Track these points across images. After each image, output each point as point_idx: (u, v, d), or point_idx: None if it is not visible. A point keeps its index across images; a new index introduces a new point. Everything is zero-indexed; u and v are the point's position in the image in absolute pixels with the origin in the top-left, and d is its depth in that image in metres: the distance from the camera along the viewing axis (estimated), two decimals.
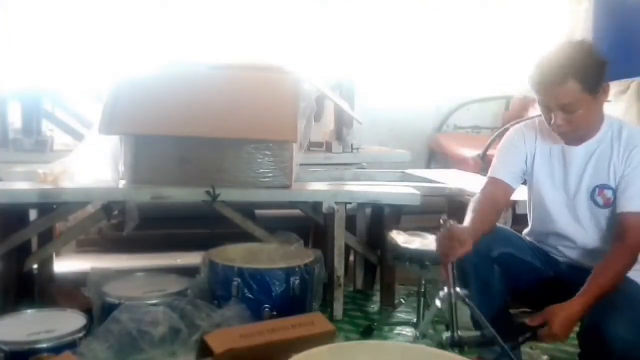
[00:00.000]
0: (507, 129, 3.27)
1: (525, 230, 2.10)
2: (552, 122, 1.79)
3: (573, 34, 5.18)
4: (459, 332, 1.67)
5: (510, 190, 1.99)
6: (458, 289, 1.71)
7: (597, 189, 1.84)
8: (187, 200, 2.79)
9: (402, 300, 2.81)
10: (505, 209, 2.01)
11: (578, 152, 1.86)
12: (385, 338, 2.55)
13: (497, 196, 1.97)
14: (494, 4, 5.10)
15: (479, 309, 1.83)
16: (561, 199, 1.91)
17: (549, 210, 1.95)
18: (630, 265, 1.76)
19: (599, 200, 1.84)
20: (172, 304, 2.15)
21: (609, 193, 1.82)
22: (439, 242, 1.76)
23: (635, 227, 1.77)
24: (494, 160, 2.05)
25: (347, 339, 2.51)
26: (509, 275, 1.90)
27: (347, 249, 2.92)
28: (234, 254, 2.56)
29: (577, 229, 1.90)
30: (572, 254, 1.94)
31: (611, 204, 1.82)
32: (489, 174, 2.04)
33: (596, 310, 1.67)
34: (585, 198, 1.86)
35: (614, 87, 3.68)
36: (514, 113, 4.56)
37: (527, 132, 1.98)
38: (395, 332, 2.65)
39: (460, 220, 1.88)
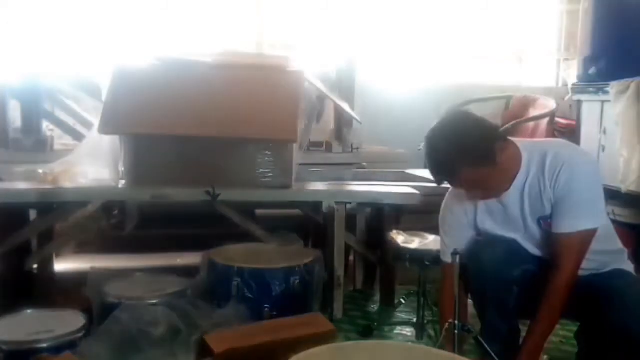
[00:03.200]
0: (507, 129, 3.29)
1: None
2: (471, 197, 1.86)
3: (573, 33, 5.19)
4: None
5: None
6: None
7: (540, 221, 1.85)
8: (187, 200, 2.79)
9: (402, 300, 2.81)
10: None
11: (511, 195, 1.85)
12: (385, 338, 2.55)
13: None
14: (495, 4, 5.10)
15: (494, 325, 1.90)
16: (517, 236, 1.91)
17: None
18: (569, 290, 1.78)
19: (548, 228, 1.84)
20: (172, 304, 2.15)
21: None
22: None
23: (567, 249, 1.78)
24: (442, 241, 2.05)
25: (347, 339, 2.51)
26: (524, 292, 1.89)
27: (347, 249, 2.92)
28: (234, 254, 2.56)
29: (547, 251, 1.90)
30: None
31: None
32: (441, 257, 2.04)
33: (623, 312, 1.70)
34: (537, 229, 1.87)
35: (614, 87, 3.68)
36: (514, 113, 4.56)
37: (464, 199, 1.96)
38: (395, 332, 2.65)
39: None
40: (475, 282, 1.87)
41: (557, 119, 4.47)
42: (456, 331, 1.75)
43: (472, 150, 1.73)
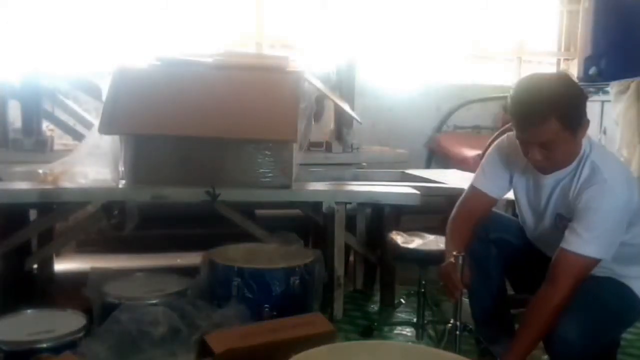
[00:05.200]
0: (506, 130, 3.28)
1: None
2: (530, 155, 1.79)
3: (573, 33, 5.20)
4: None
5: (491, 201, 2.02)
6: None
7: (558, 217, 1.87)
8: (187, 200, 2.79)
9: (402, 300, 2.81)
10: (482, 220, 2.05)
11: (548, 180, 1.87)
12: (385, 338, 2.55)
13: (473, 211, 2.02)
14: (495, 4, 5.11)
15: (479, 292, 2.00)
16: (532, 217, 1.97)
17: (524, 221, 2.02)
18: (558, 310, 1.72)
19: (561, 227, 1.84)
20: (172, 304, 2.14)
21: (567, 223, 1.82)
22: (446, 275, 1.86)
23: (567, 267, 1.74)
24: (479, 171, 2.06)
25: (347, 339, 2.51)
26: (505, 256, 2.00)
27: (347, 249, 2.92)
28: (234, 254, 2.56)
29: (544, 244, 1.95)
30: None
31: None
32: (472, 182, 2.06)
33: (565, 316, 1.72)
34: (550, 222, 1.90)
35: (614, 87, 3.69)
36: None
37: (510, 153, 1.97)
38: (395, 332, 2.65)
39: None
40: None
41: None
42: (457, 332, 1.75)
43: (571, 106, 1.70)
